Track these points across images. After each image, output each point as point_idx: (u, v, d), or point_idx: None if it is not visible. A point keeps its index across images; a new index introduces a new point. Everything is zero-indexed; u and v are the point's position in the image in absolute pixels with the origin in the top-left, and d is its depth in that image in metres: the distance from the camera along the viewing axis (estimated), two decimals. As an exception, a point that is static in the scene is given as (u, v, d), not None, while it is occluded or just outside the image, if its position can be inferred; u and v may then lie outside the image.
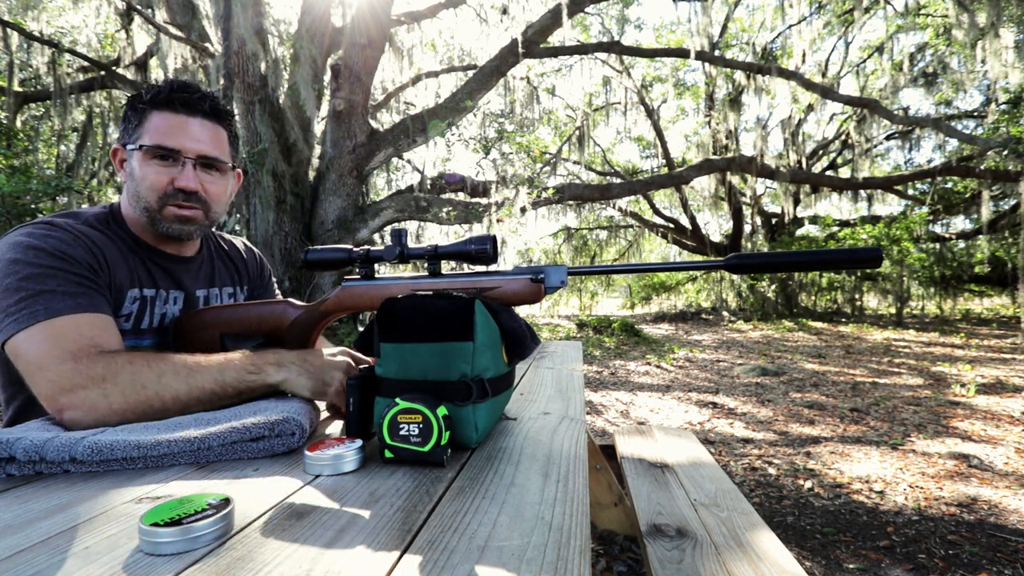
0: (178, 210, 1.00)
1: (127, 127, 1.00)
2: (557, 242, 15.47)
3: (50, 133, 9.50)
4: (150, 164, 0.98)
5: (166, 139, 0.97)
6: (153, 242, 1.06)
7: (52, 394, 0.76)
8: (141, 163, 0.98)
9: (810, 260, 0.78)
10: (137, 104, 0.99)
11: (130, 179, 1.00)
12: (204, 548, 0.44)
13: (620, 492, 2.08)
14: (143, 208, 1.00)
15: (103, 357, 0.79)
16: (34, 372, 0.79)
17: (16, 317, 0.81)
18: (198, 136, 0.99)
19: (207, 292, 1.14)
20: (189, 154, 0.99)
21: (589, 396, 4.86)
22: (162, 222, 1.00)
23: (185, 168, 0.98)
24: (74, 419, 0.75)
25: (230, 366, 0.82)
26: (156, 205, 0.99)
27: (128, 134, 1.00)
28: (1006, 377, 5.29)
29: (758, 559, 1.34)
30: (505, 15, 8.12)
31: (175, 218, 1.00)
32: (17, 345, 0.80)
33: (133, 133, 0.99)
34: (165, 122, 0.97)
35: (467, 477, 0.61)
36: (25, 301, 0.81)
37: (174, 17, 5.95)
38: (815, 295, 13.93)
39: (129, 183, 1.01)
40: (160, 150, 0.97)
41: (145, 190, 0.98)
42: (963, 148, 10.57)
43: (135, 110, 0.99)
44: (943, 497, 2.56)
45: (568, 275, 0.83)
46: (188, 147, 0.98)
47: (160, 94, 0.98)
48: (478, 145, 12.67)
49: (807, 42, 10.26)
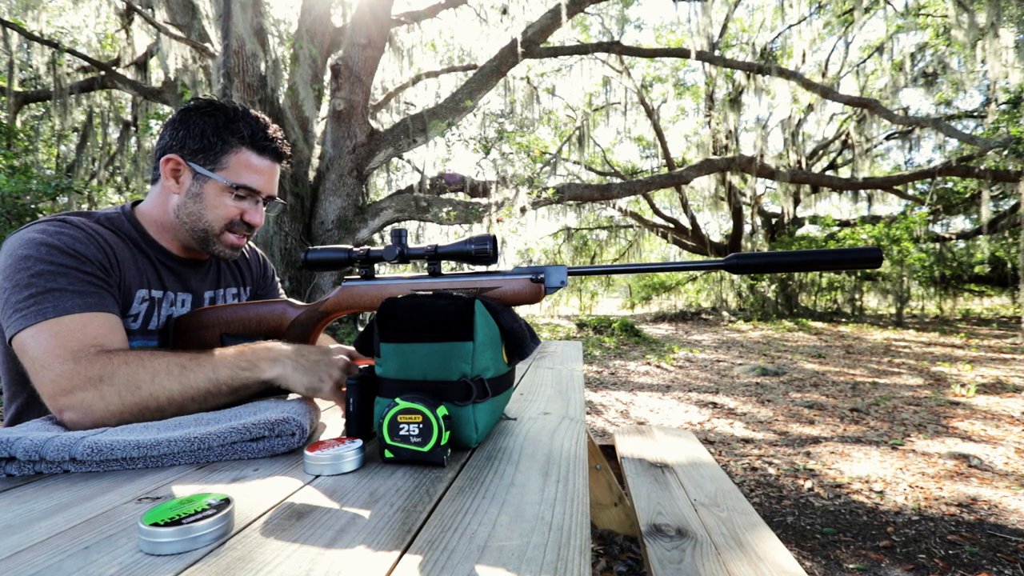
0: (235, 239, 1.06)
1: (204, 148, 0.99)
2: (557, 242, 15.47)
3: (50, 133, 9.51)
4: (229, 198, 1.02)
5: (254, 182, 1.03)
6: (172, 248, 1.07)
7: (53, 394, 0.77)
8: (219, 193, 1.01)
9: (810, 260, 0.78)
10: (225, 133, 1.00)
11: (192, 199, 1.01)
12: (204, 548, 0.44)
13: (620, 492, 2.08)
14: (201, 229, 1.02)
15: (101, 357, 0.79)
16: (38, 370, 0.79)
17: (25, 313, 0.81)
18: (273, 181, 1.07)
19: (214, 293, 1.16)
20: (264, 195, 1.06)
21: (589, 396, 4.86)
22: (217, 245, 1.05)
23: (259, 207, 1.07)
24: (73, 420, 0.76)
25: (224, 363, 0.82)
26: (218, 231, 1.03)
27: (204, 156, 0.99)
28: (1006, 377, 5.29)
29: (758, 559, 1.34)
30: (505, 15, 8.12)
31: (230, 244, 1.06)
32: (24, 341, 0.81)
33: (214, 160, 1.00)
34: (257, 164, 1.03)
35: (467, 477, 0.61)
36: (35, 298, 0.82)
37: (174, 17, 5.95)
38: (815, 295, 13.93)
39: (188, 201, 1.01)
40: (247, 191, 1.02)
41: (215, 218, 1.02)
42: (963, 148, 10.56)
43: (221, 138, 0.99)
44: (943, 497, 2.56)
45: (568, 275, 0.83)
46: (266, 190, 1.06)
47: (256, 136, 1.02)
48: (478, 145, 12.67)
49: (807, 42, 10.25)
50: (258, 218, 1.06)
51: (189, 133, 0.99)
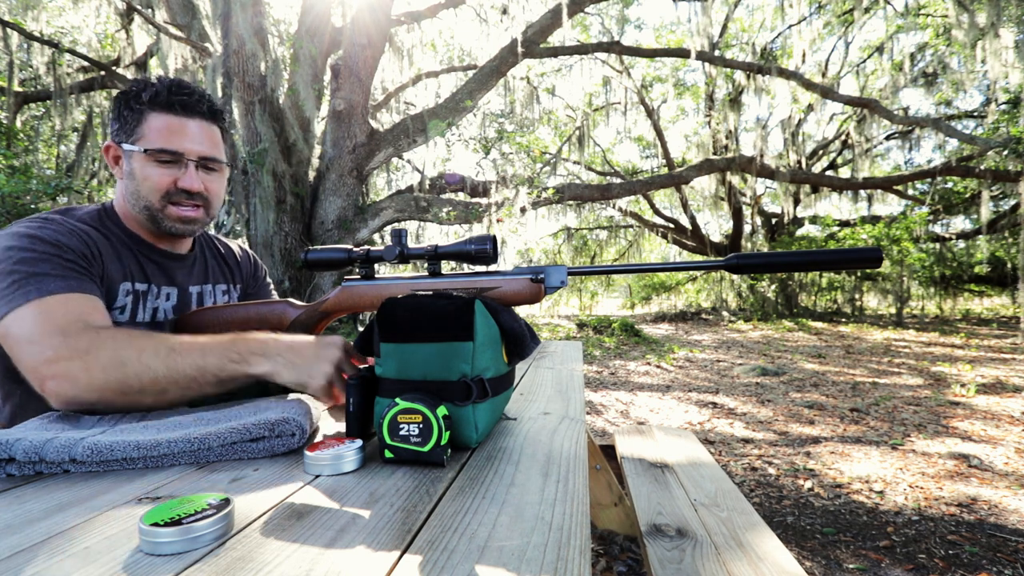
0: (180, 210, 1.02)
1: (123, 125, 1.00)
2: (557, 242, 15.47)
3: (50, 133, 9.50)
4: (152, 166, 0.99)
5: (169, 142, 0.98)
6: (149, 238, 1.07)
7: (36, 365, 0.77)
8: (143, 164, 0.99)
9: (810, 260, 0.78)
10: (133, 103, 0.99)
11: (129, 178, 1.01)
12: (204, 548, 0.44)
13: (620, 492, 2.08)
14: (144, 207, 1.01)
15: (89, 331, 0.79)
16: (23, 346, 0.79)
17: (9, 298, 0.82)
18: (198, 138, 1.01)
19: (201, 288, 1.15)
20: (191, 156, 1.00)
21: (589, 396, 4.86)
22: (164, 220, 1.02)
23: (188, 170, 1.00)
24: (54, 390, 0.75)
25: (213, 350, 0.80)
26: (158, 204, 1.00)
27: (125, 133, 1.00)
28: (1006, 377, 5.29)
29: (758, 559, 1.34)
30: (505, 15, 8.12)
31: (178, 217, 1.02)
32: (8, 325, 0.81)
33: (131, 133, 0.99)
34: (166, 124, 0.98)
35: (467, 477, 0.61)
36: (18, 283, 0.82)
37: (174, 17, 5.94)
38: (815, 295, 13.93)
39: (128, 182, 1.01)
40: (164, 153, 0.98)
41: (148, 191, 0.99)
42: (963, 148, 10.56)
43: (131, 109, 0.99)
44: (943, 497, 2.56)
45: (568, 275, 0.83)
46: (190, 149, 1.00)
47: (159, 95, 0.98)
48: (478, 145, 12.67)
49: (807, 42, 10.25)
50: (192, 182, 1.00)
51: (115, 117, 1.01)
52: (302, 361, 0.80)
